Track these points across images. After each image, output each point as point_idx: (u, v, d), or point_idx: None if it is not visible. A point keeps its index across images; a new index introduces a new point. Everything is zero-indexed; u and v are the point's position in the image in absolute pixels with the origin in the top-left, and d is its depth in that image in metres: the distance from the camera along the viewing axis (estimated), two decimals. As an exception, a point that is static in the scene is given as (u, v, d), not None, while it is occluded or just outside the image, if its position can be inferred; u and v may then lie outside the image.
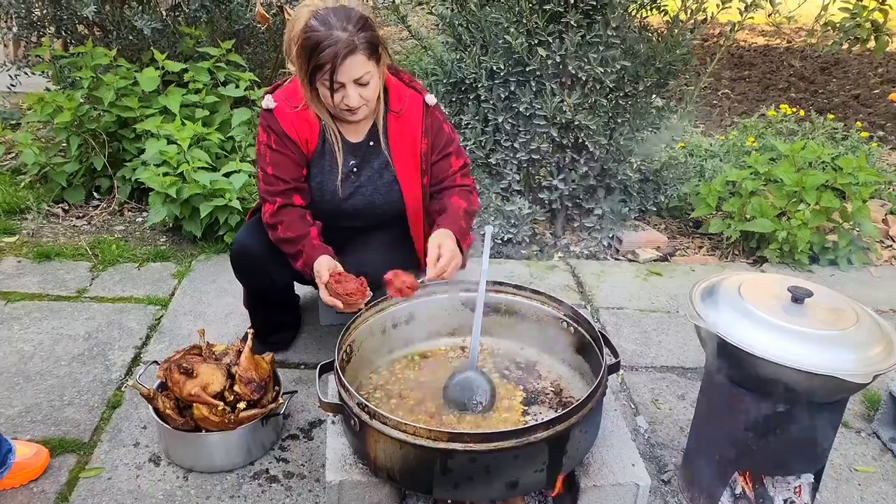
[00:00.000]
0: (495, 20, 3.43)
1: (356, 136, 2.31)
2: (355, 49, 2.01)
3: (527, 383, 2.15)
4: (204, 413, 2.07)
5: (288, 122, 2.22)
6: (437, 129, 2.33)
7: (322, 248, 2.20)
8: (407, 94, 2.31)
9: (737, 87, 6.88)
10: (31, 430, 2.29)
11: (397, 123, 2.29)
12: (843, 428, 2.48)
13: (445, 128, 2.36)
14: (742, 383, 1.84)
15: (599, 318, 3.12)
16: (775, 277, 1.97)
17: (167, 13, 4.24)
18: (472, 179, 2.44)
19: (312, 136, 2.26)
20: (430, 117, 2.32)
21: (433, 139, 2.32)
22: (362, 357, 2.13)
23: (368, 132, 2.31)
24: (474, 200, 2.38)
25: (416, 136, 2.30)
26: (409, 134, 2.30)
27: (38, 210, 3.80)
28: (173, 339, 2.81)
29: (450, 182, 2.36)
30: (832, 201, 3.58)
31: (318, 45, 2.00)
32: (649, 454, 2.33)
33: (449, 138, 2.36)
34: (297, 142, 2.24)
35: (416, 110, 2.30)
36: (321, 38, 2.00)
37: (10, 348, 2.70)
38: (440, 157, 2.35)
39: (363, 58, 2.04)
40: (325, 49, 1.99)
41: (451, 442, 1.66)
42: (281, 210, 2.25)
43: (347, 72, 2.04)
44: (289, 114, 2.23)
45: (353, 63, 2.03)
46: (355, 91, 2.08)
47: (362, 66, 2.05)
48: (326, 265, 2.13)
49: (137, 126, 3.71)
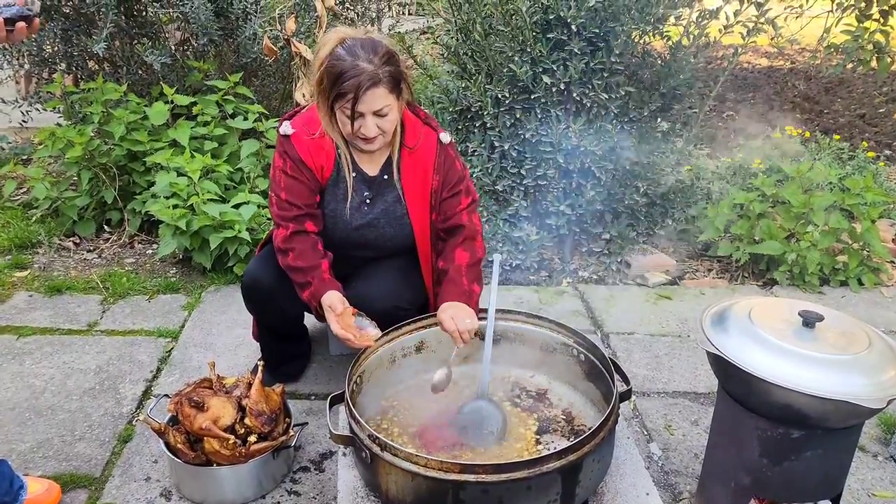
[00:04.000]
0: (499, 49, 3.47)
1: (372, 168, 2.33)
2: (379, 82, 2.04)
3: (538, 411, 2.14)
4: (215, 447, 2.07)
5: (304, 148, 2.24)
6: (450, 167, 2.34)
7: (332, 283, 2.20)
8: (422, 130, 2.32)
9: (741, 108, 6.89)
10: (42, 466, 2.29)
11: (411, 159, 2.31)
12: (860, 452, 2.45)
13: (457, 165, 2.37)
14: (755, 409, 1.82)
15: (610, 343, 3.11)
16: (786, 301, 1.96)
17: (176, 48, 4.31)
18: (478, 216, 2.44)
19: (328, 163, 2.27)
20: (444, 155, 2.32)
21: (445, 176, 2.33)
22: (373, 387, 2.13)
23: (383, 166, 2.33)
24: (478, 247, 2.36)
25: (428, 172, 2.31)
26: (422, 170, 2.31)
27: (49, 244, 3.83)
28: (184, 371, 2.81)
29: (457, 220, 2.34)
30: (841, 222, 3.57)
31: (342, 74, 2.04)
32: (663, 482, 2.31)
33: (460, 176, 2.37)
34: (312, 168, 2.25)
35: (430, 147, 2.31)
36: (346, 67, 2.03)
37: (22, 383, 2.71)
38: (451, 195, 2.34)
39: (385, 91, 2.07)
40: (350, 79, 2.03)
41: (462, 473, 1.65)
42: (294, 237, 2.25)
43: (369, 103, 2.06)
44: (305, 140, 2.25)
45: (375, 95, 2.06)
46: (373, 122, 2.11)
47: (383, 98, 2.08)
48: (340, 299, 2.14)
49: (147, 159, 3.76)
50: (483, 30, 3.52)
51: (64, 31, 4.08)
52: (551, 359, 2.25)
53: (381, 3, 5.18)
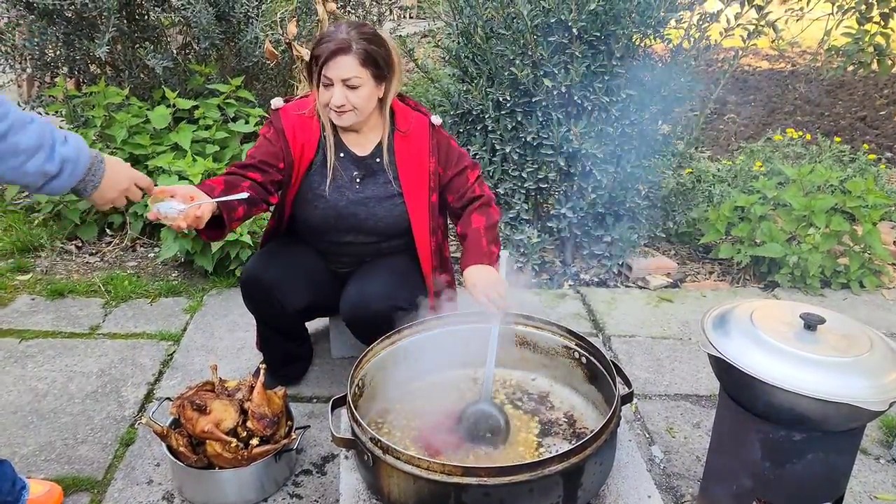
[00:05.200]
0: (501, 52, 3.48)
1: (361, 149, 2.39)
2: (349, 50, 2.14)
3: (540, 414, 2.14)
4: (217, 450, 2.07)
5: (290, 122, 2.34)
6: (447, 147, 2.43)
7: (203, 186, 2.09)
8: (413, 115, 2.41)
9: (742, 111, 6.90)
10: (45, 469, 2.30)
11: (405, 143, 2.38)
12: (862, 455, 2.45)
13: (454, 143, 2.46)
14: (757, 412, 1.82)
15: (611, 346, 3.11)
16: (787, 304, 1.96)
17: (178, 51, 4.32)
18: (488, 187, 2.53)
19: (310, 142, 2.34)
20: (437, 136, 2.41)
21: (444, 157, 2.41)
22: (375, 390, 2.13)
23: (374, 149, 2.39)
24: (493, 212, 2.44)
25: (423, 154, 2.38)
26: (417, 153, 2.38)
27: (51, 247, 3.84)
28: (186, 374, 2.82)
29: (471, 194, 2.43)
30: (842, 225, 3.57)
31: (321, 39, 2.20)
32: (665, 484, 2.31)
33: (460, 153, 2.46)
34: (290, 142, 2.31)
35: (423, 130, 2.39)
36: (325, 34, 2.19)
37: (25, 386, 2.72)
38: (457, 172, 2.43)
39: (355, 61, 2.15)
40: (323, 44, 2.17)
41: (465, 476, 1.65)
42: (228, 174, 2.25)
43: (335, 68, 2.16)
44: (293, 115, 2.35)
45: (343, 62, 2.15)
46: (342, 91, 2.19)
47: (352, 68, 2.16)
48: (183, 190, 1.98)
49: (149, 163, 3.76)
50: (484, 33, 3.53)
51: (66, 34, 4.09)
52: (553, 362, 2.25)
53: (383, 6, 5.18)
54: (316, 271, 2.47)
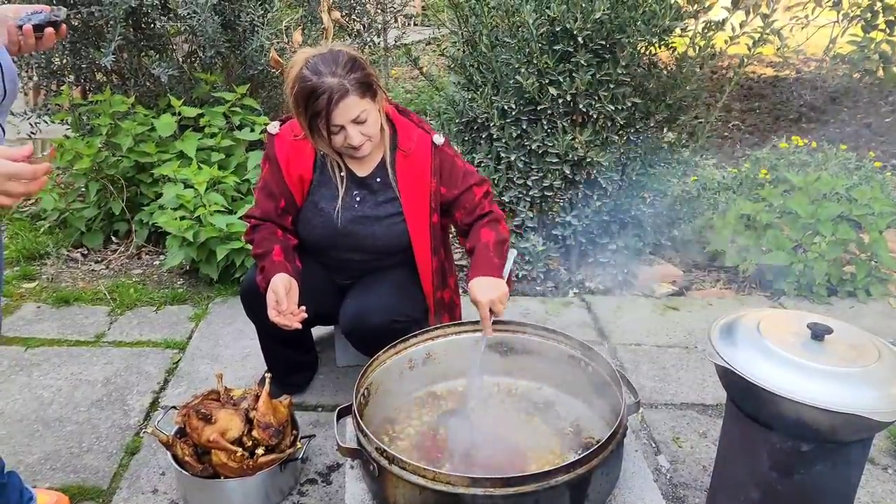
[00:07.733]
0: (506, 61, 3.48)
1: (363, 170, 2.37)
2: (347, 92, 2.09)
3: (547, 423, 2.13)
4: (222, 459, 2.07)
5: (284, 152, 2.33)
6: (450, 166, 2.37)
7: (282, 266, 2.23)
8: (416, 133, 2.36)
9: (747, 118, 6.89)
10: (50, 478, 2.30)
11: (406, 162, 2.34)
12: (870, 465, 2.43)
13: (458, 163, 2.40)
14: (764, 422, 1.81)
15: (617, 354, 3.10)
16: (794, 313, 1.96)
17: (183, 60, 4.33)
18: (496, 205, 2.47)
19: (306, 163, 2.34)
20: (440, 156, 2.35)
21: (447, 177, 2.36)
22: (380, 399, 2.13)
23: (376, 168, 2.36)
24: (502, 229, 2.39)
25: (425, 174, 2.34)
26: (419, 173, 2.34)
27: (57, 255, 3.84)
28: (191, 382, 2.81)
29: (480, 210, 2.39)
30: (848, 233, 3.56)
31: (311, 94, 2.09)
32: (672, 495, 2.30)
33: (466, 171, 2.40)
34: (284, 174, 2.33)
35: (425, 150, 2.35)
36: (314, 86, 2.08)
37: (30, 394, 2.72)
38: (463, 190, 2.37)
39: (356, 98, 2.11)
40: (319, 97, 2.08)
41: (471, 487, 1.64)
42: (255, 229, 2.36)
43: (343, 114, 2.11)
44: (287, 141, 2.34)
45: (347, 105, 2.10)
46: (355, 130, 2.15)
47: (356, 106, 2.12)
48: (283, 282, 2.16)
49: (155, 171, 3.77)
50: (489, 41, 3.53)
51: (72, 43, 4.10)
52: (558, 371, 2.24)
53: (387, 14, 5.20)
54: (317, 281, 2.45)
